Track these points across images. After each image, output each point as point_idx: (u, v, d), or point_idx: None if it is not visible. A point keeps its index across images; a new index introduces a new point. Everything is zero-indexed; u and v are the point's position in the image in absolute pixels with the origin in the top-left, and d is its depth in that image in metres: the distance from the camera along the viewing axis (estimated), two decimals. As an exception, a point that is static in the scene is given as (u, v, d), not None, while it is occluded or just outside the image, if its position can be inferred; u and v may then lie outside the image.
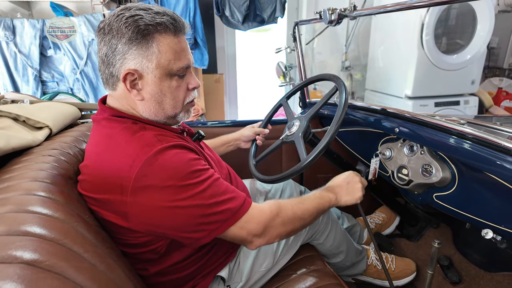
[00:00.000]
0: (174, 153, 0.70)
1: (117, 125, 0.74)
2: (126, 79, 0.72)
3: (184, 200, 0.67)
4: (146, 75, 0.72)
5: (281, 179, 0.98)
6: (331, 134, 0.91)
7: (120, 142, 0.71)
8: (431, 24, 2.34)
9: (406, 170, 0.98)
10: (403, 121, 0.96)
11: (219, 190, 0.73)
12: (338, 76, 1.06)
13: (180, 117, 0.81)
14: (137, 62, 0.71)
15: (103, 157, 0.71)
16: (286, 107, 1.22)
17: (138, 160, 0.66)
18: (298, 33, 1.37)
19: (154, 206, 0.67)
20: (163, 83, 0.74)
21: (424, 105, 2.59)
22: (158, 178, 0.66)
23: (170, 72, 0.74)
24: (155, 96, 0.75)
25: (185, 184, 0.68)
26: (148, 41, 0.70)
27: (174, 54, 0.73)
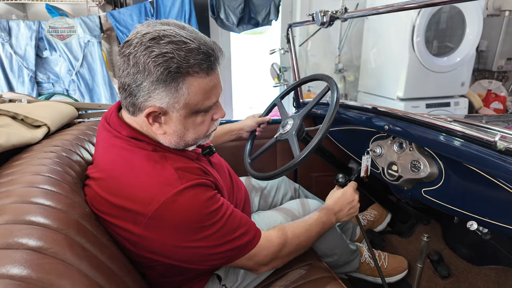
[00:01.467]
0: (193, 194, 0.69)
1: (137, 151, 0.71)
2: (149, 115, 0.68)
3: (197, 241, 0.69)
4: (171, 113, 0.68)
5: (275, 175, 1.01)
6: (323, 131, 0.94)
7: (141, 173, 0.69)
8: (422, 27, 2.39)
9: (395, 167, 1.01)
10: (393, 119, 1.00)
11: (232, 226, 0.74)
12: (330, 76, 1.09)
13: (200, 142, 0.80)
14: (163, 102, 0.66)
15: (122, 181, 0.68)
16: (280, 106, 1.25)
17: (157, 199, 0.65)
18: (292, 35, 1.40)
19: (165, 243, 0.67)
20: (187, 120, 0.71)
21: (415, 106, 2.64)
22: (173, 220, 0.66)
23: (198, 110, 0.70)
24: (178, 132, 0.72)
25: (199, 226, 0.68)
26: (178, 83, 0.64)
27: (205, 94, 0.68)
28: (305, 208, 1.09)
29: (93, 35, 2.13)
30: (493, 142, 0.68)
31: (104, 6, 2.42)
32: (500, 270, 1.14)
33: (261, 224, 1.01)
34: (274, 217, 1.05)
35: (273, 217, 1.06)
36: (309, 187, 1.57)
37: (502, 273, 1.13)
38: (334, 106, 0.96)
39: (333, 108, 0.96)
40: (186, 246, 0.68)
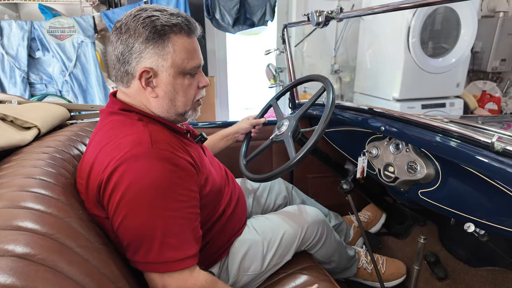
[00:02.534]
0: (157, 164, 0.68)
1: (124, 120, 0.76)
2: (142, 76, 0.74)
3: (134, 211, 0.66)
4: (160, 73, 0.75)
5: (270, 177, 0.99)
6: (319, 132, 0.93)
7: (117, 134, 0.73)
8: (417, 29, 2.40)
9: (392, 168, 1.01)
10: (389, 120, 0.99)
11: (174, 228, 0.68)
12: (326, 77, 1.08)
13: (189, 114, 0.83)
14: (153, 61, 0.73)
15: (103, 148, 0.72)
16: (276, 107, 1.24)
17: (121, 155, 0.67)
18: (287, 35, 1.39)
19: (113, 199, 0.66)
20: (176, 81, 0.76)
21: (411, 107, 2.65)
22: (130, 177, 0.66)
23: (183, 71, 0.76)
24: (169, 94, 0.77)
25: (149, 197, 0.66)
26: (164, 40, 0.73)
27: (188, 53, 0.75)
28: (302, 217, 1.06)
29: (87, 36, 2.10)
30: (490, 143, 0.68)
31: (98, 6, 2.39)
32: (497, 271, 1.14)
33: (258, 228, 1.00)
34: (272, 224, 1.03)
35: (270, 222, 1.03)
36: (305, 188, 1.56)
37: (499, 275, 1.13)
38: (329, 107, 0.96)
39: (328, 109, 0.95)
40: (129, 207, 0.65)
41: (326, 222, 1.11)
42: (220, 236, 0.92)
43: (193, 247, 0.71)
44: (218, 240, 0.92)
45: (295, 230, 1.00)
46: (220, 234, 0.92)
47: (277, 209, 1.27)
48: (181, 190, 0.70)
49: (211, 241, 0.89)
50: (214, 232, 0.90)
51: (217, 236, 0.91)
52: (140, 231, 0.66)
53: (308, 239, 1.03)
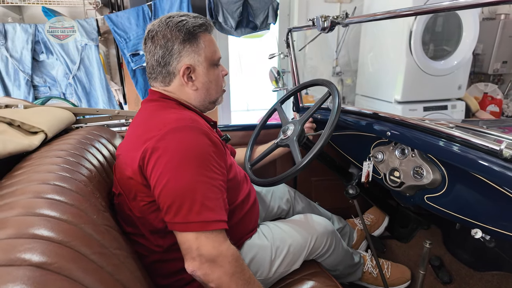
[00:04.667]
0: (197, 135, 0.77)
1: (165, 104, 0.87)
2: (184, 73, 0.86)
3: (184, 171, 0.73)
4: (197, 67, 0.87)
5: (276, 182, 1.00)
6: (325, 137, 0.93)
7: (160, 113, 0.83)
8: (419, 31, 2.41)
9: (398, 173, 1.01)
10: (394, 125, 0.99)
11: (211, 194, 0.74)
12: (331, 82, 1.09)
13: (219, 101, 0.97)
14: (191, 58, 0.85)
15: (148, 124, 0.81)
16: (280, 111, 1.24)
17: (168, 125, 0.76)
18: (291, 40, 1.40)
19: (159, 164, 0.73)
20: (210, 72, 0.89)
21: (413, 109, 2.65)
22: (172, 146, 0.74)
23: (213, 62, 0.89)
24: (206, 84, 0.90)
25: (191, 161, 0.73)
26: (197, 39, 0.85)
27: (214, 47, 0.89)
28: (312, 227, 1.06)
29: (91, 38, 2.11)
30: (499, 150, 0.68)
31: (102, 9, 2.40)
32: (502, 276, 1.14)
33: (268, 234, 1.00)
34: (281, 232, 1.03)
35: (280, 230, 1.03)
36: (308, 191, 1.56)
37: (504, 279, 1.13)
38: (335, 112, 0.96)
39: (334, 114, 0.96)
40: (175, 170, 0.72)
41: (335, 233, 1.11)
42: (233, 231, 0.92)
43: (225, 215, 0.77)
44: (231, 234, 0.92)
45: (304, 240, 1.01)
46: (234, 228, 0.93)
47: (280, 213, 1.27)
48: (215, 163, 0.78)
49: None
50: (230, 224, 0.91)
51: (231, 229, 0.92)
52: (183, 191, 0.71)
53: (317, 249, 1.03)
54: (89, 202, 0.66)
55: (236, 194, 0.94)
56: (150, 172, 0.74)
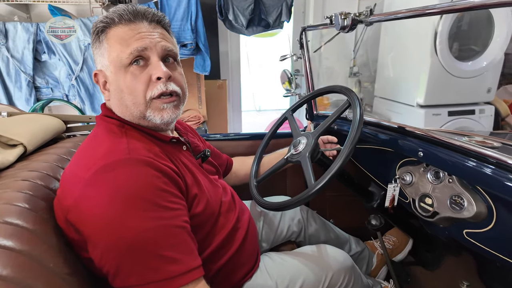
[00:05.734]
0: (138, 170, 0.60)
1: (102, 126, 0.71)
2: (97, 81, 0.73)
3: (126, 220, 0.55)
4: (106, 72, 0.71)
5: (285, 207, 0.86)
6: (344, 157, 0.79)
7: (93, 143, 0.68)
8: (446, 30, 2.23)
9: (430, 200, 0.85)
10: (428, 143, 0.83)
11: (169, 239, 0.58)
12: (350, 89, 0.94)
13: (149, 116, 0.70)
14: (99, 62, 0.72)
15: (79, 156, 0.67)
16: (291, 121, 1.10)
17: (97, 164, 0.59)
18: (305, 40, 1.25)
19: (90, 219, 0.56)
20: (118, 77, 0.69)
21: (437, 114, 2.48)
22: (103, 191, 0.56)
23: (122, 63, 0.68)
24: (115, 93, 0.70)
25: (130, 205, 0.56)
26: (100, 38, 0.70)
27: (122, 42, 0.67)
28: (326, 262, 0.90)
29: (94, 38, 2.01)
30: None
31: (108, 7, 2.30)
32: None
33: (273, 271, 0.86)
34: (289, 267, 0.88)
35: (287, 265, 0.89)
36: (322, 208, 1.41)
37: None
38: (356, 128, 0.81)
39: (355, 130, 0.81)
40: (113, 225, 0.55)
41: (354, 268, 0.95)
42: (223, 275, 0.79)
43: (196, 258, 0.61)
44: (222, 280, 0.78)
45: (318, 277, 0.85)
46: (224, 271, 0.78)
47: (290, 235, 1.13)
48: (170, 197, 0.61)
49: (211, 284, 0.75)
50: (213, 272, 0.76)
51: (220, 274, 0.78)
52: (130, 247, 0.55)
53: (333, 285, 0.88)
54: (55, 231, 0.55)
55: (214, 234, 0.77)
56: (83, 229, 0.57)
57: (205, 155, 0.86)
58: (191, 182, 0.71)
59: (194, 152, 0.85)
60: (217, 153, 1.10)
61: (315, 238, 1.16)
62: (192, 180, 0.72)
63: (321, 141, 1.14)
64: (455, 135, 0.86)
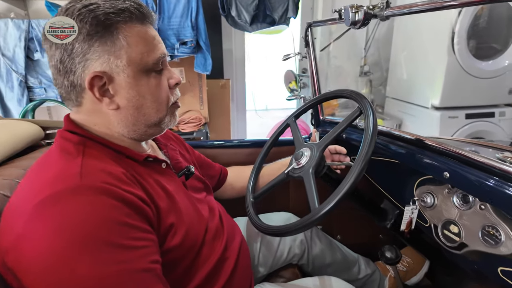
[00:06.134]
0: (98, 201, 0.49)
1: (58, 146, 0.59)
2: (93, 85, 0.57)
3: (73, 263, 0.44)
4: (117, 76, 0.58)
5: (283, 233, 0.74)
6: (354, 177, 0.66)
7: (41, 167, 0.56)
8: (465, 25, 2.08)
9: (456, 228, 0.72)
10: (455, 162, 0.70)
11: (131, 286, 0.47)
12: (362, 95, 0.80)
13: (166, 122, 0.66)
14: (104, 62, 0.57)
15: (22, 183, 0.56)
16: (294, 129, 0.97)
17: (41, 193, 0.48)
18: (311, 37, 1.12)
19: (30, 265, 0.45)
20: (140, 83, 0.60)
21: (453, 116, 2.34)
22: (46, 230, 0.45)
23: (146, 67, 0.60)
24: (133, 101, 0.60)
25: (82, 246, 0.45)
26: (112, 32, 0.56)
27: (146, 44, 0.60)
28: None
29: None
30: None
31: (106, 3, 2.20)
32: None
33: None
34: None
35: None
36: (329, 224, 1.28)
37: None
38: (369, 141, 0.68)
39: (368, 143, 0.68)
40: (57, 273, 0.44)
41: None
42: None
43: None
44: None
45: None
46: None
47: (292, 258, 1.01)
48: (134, 232, 0.50)
49: None
50: None
51: None
52: None
53: None
54: None
55: (196, 265, 0.66)
56: (21, 276, 0.45)
57: (189, 172, 0.74)
58: (166, 209, 0.60)
59: (175, 169, 0.74)
60: (208, 164, 0.98)
61: (320, 260, 1.04)
62: (168, 206, 0.61)
63: (328, 151, 1.01)
64: (483, 148, 0.73)
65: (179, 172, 0.73)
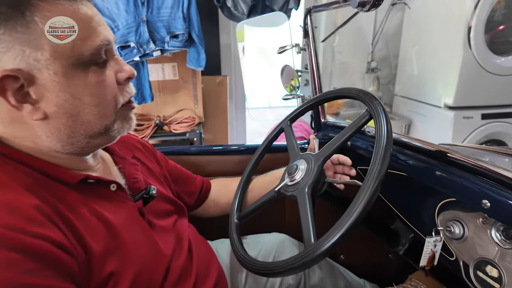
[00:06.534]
0: None
1: None
2: (4, 89, 0.42)
3: None
4: (39, 74, 0.43)
5: (270, 274, 0.58)
6: (365, 203, 0.51)
7: None
8: (482, 18, 1.92)
9: (495, 271, 0.54)
10: (493, 183, 0.53)
11: None
12: (372, 95, 0.64)
13: (116, 129, 0.52)
14: (15, 55, 0.42)
15: None
16: (289, 135, 0.81)
17: None
18: (312, 25, 0.94)
19: None
20: (73, 82, 0.45)
21: (468, 117, 2.17)
22: None
23: (81, 60, 0.46)
24: (65, 106, 0.46)
25: None
26: (24, 13, 0.41)
27: (79, 29, 0.45)
28: None
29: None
30: None
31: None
32: None
33: None
34: None
35: None
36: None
37: None
38: (383, 154, 0.52)
39: (381, 158, 0.52)
40: None
41: None
42: None
43: None
44: None
45: None
46: None
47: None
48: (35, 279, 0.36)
49: None
50: None
51: None
52: None
53: None
54: None
55: None
56: None
57: (148, 195, 0.58)
58: (103, 253, 0.44)
59: (132, 190, 0.57)
60: (185, 178, 0.82)
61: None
62: (107, 248, 0.45)
63: (329, 161, 0.85)
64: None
65: (136, 195, 0.57)
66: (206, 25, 2.25)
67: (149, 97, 2.01)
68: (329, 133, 1.02)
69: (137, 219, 0.54)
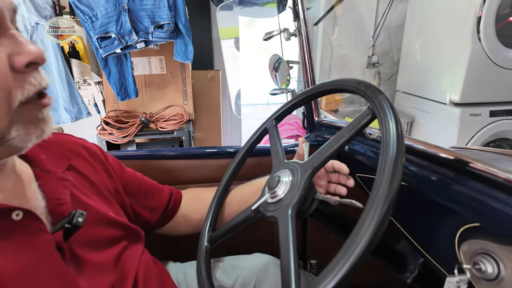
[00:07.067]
0: None
1: None
2: None
3: None
4: None
5: None
6: (371, 234, 0.38)
7: None
8: (493, 9, 1.79)
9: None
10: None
11: None
12: (375, 87, 0.50)
13: (15, 138, 0.37)
14: None
15: None
16: (273, 137, 0.66)
17: None
18: (303, 7, 0.80)
19: None
20: None
21: (475, 114, 2.05)
22: None
23: None
24: None
25: None
26: None
27: None
28: None
29: (42, 16, 1.60)
30: None
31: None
32: None
33: None
34: None
35: None
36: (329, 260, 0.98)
37: None
38: (393, 165, 0.38)
39: (390, 169, 0.39)
40: None
41: None
42: None
43: None
44: None
45: None
46: None
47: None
48: None
49: None
50: None
51: None
52: None
53: None
54: None
55: None
56: None
57: (71, 225, 0.42)
58: None
59: (53, 216, 0.43)
60: (146, 189, 0.68)
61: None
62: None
63: (323, 170, 0.70)
64: None
65: (57, 223, 0.42)
66: (197, 17, 2.10)
67: (133, 93, 1.87)
68: (323, 134, 0.88)
69: (51, 259, 0.39)
